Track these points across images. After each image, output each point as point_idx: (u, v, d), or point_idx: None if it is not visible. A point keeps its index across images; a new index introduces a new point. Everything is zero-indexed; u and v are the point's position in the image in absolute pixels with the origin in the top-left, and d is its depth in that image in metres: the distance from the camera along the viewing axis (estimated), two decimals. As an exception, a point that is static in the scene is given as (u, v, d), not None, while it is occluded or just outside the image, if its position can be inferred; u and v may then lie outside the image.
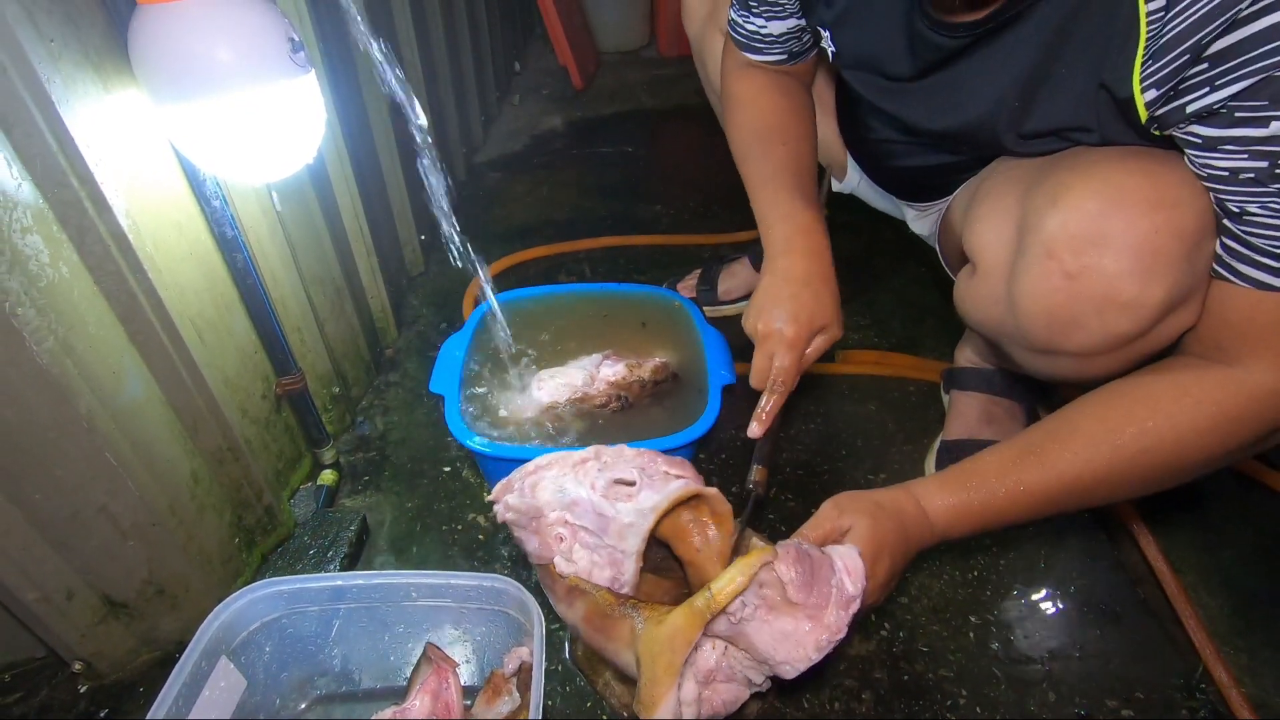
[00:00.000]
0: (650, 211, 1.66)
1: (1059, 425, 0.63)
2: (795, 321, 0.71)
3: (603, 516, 0.60)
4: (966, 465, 0.65)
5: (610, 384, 0.88)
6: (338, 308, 1.03)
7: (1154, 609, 0.83)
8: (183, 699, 0.59)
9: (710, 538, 0.64)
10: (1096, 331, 0.59)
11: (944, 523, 0.63)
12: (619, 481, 0.62)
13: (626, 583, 0.59)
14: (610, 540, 0.60)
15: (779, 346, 0.72)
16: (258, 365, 0.84)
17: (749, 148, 0.84)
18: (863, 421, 1.08)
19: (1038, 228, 0.60)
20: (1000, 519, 0.63)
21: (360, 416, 1.09)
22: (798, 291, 0.73)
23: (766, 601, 0.52)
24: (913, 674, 0.76)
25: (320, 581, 0.67)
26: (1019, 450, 0.63)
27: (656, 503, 0.60)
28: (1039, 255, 0.60)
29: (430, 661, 0.70)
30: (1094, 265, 0.56)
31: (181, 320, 0.68)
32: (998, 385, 0.99)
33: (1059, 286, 0.59)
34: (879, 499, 0.64)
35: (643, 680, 0.50)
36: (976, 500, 0.63)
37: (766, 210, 0.79)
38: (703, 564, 0.66)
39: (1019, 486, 0.61)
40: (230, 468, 0.76)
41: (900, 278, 1.40)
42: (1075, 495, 0.61)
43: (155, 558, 0.69)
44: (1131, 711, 0.74)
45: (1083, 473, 0.60)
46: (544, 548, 0.61)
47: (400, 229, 1.33)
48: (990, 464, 0.63)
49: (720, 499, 0.64)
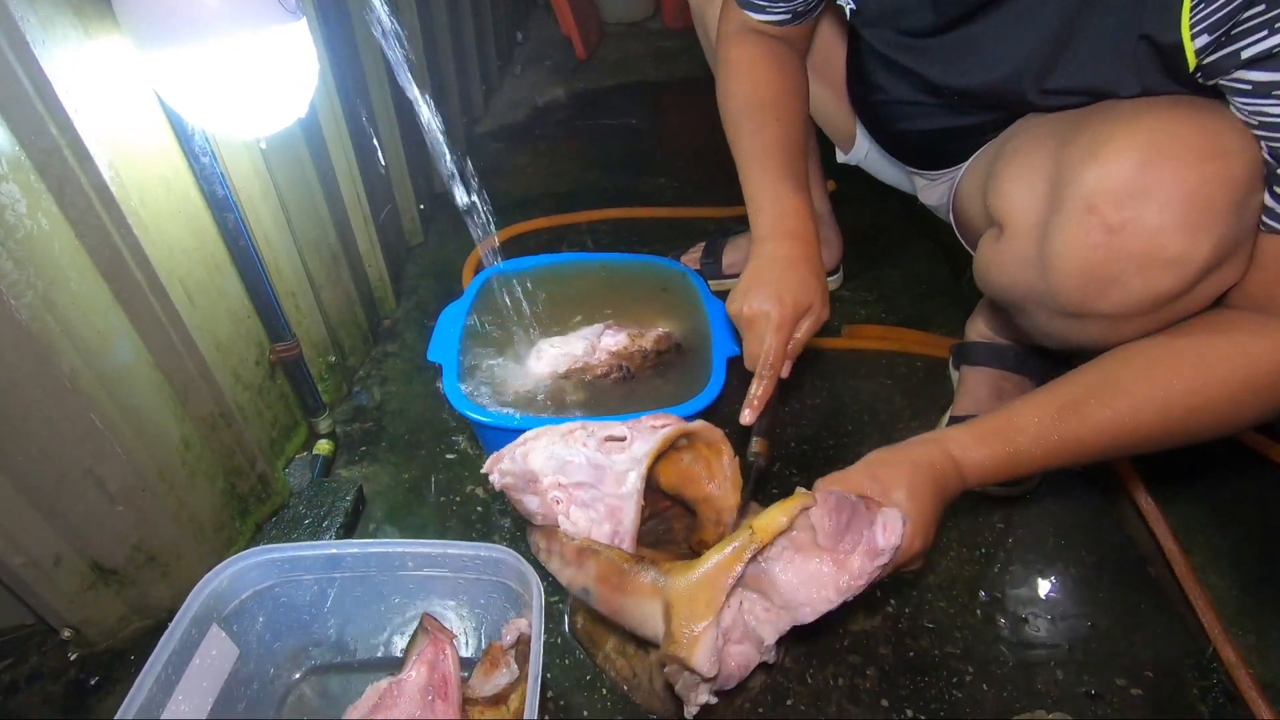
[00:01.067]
0: (654, 184, 1.62)
1: (1100, 380, 0.61)
2: (780, 304, 0.71)
3: (598, 468, 0.60)
4: (1002, 419, 0.63)
5: (612, 354, 0.85)
6: (334, 274, 1.00)
7: (1164, 588, 0.82)
8: (172, 667, 0.57)
9: (719, 469, 0.63)
10: (1136, 290, 0.56)
11: (977, 476, 0.62)
12: (610, 438, 0.61)
13: (627, 532, 0.58)
14: (607, 489, 0.59)
15: (766, 329, 0.71)
16: (251, 330, 0.82)
17: (740, 121, 0.82)
18: (869, 397, 1.06)
19: (1075, 182, 0.57)
20: (1031, 470, 0.63)
21: (357, 386, 1.07)
22: (782, 274, 0.72)
23: (794, 543, 0.52)
24: (918, 650, 0.75)
25: (314, 549, 0.65)
26: (1058, 406, 0.61)
27: (650, 447, 0.59)
28: (1077, 211, 0.57)
29: (427, 632, 0.68)
30: (1137, 219, 0.54)
31: (170, 280, 0.66)
32: (1009, 360, 0.96)
33: (1098, 243, 0.56)
34: (916, 460, 0.61)
35: (676, 622, 0.49)
36: (1011, 455, 0.61)
37: (755, 190, 0.78)
38: (718, 496, 0.65)
39: (1057, 442, 0.60)
40: (222, 434, 0.74)
41: (908, 253, 1.37)
42: (1114, 449, 0.60)
43: (145, 524, 0.67)
44: (1141, 690, 0.72)
45: (1123, 430, 0.59)
46: (545, 508, 0.60)
47: (399, 196, 1.30)
48: (1028, 419, 0.61)
49: (709, 429, 0.64)
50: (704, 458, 0.66)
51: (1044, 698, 0.72)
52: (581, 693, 0.71)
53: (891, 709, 0.70)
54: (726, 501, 0.65)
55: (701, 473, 0.66)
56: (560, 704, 0.71)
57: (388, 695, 0.65)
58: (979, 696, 0.72)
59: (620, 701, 0.70)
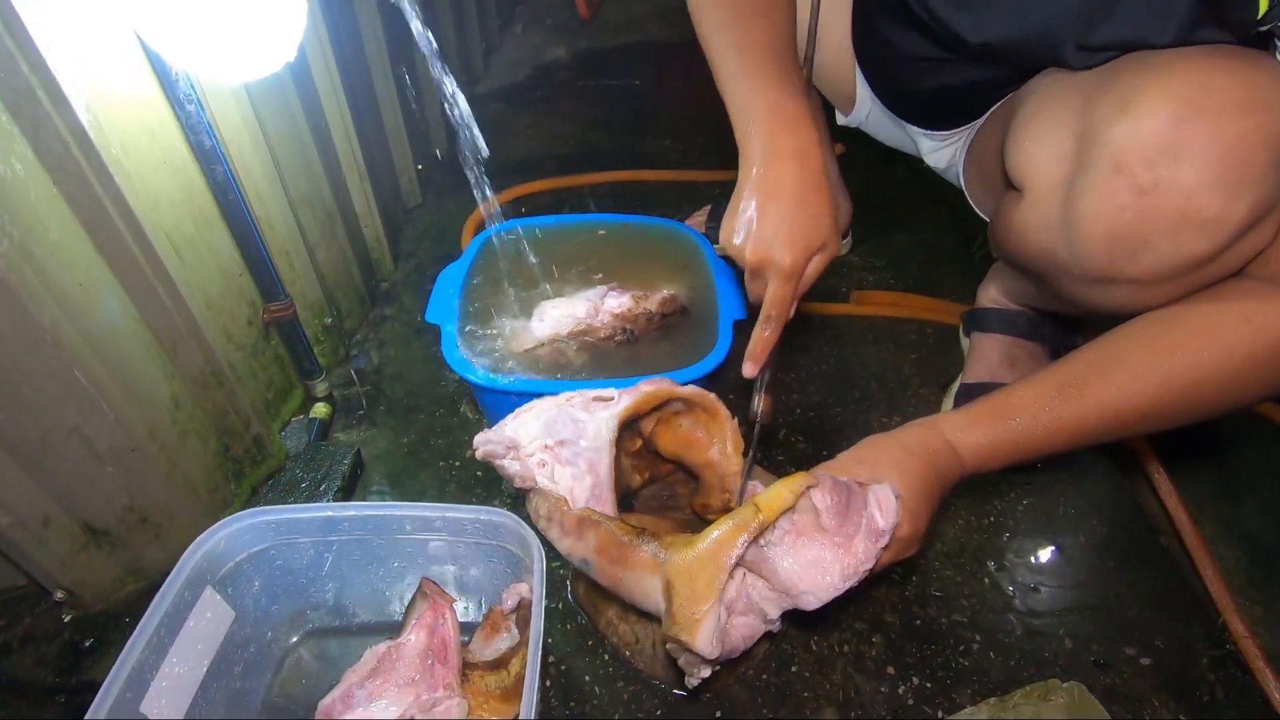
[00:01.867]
0: (658, 146, 1.59)
1: (1101, 355, 0.58)
2: (791, 248, 0.60)
3: (578, 423, 0.59)
4: (998, 399, 0.61)
5: (615, 316, 0.83)
6: (329, 234, 0.97)
7: (1175, 557, 0.81)
8: (165, 629, 0.56)
9: (718, 433, 0.62)
10: (1166, 254, 0.54)
11: (975, 461, 0.59)
12: (597, 398, 0.61)
13: (604, 483, 0.57)
14: (586, 442, 0.58)
15: (775, 277, 0.62)
16: (243, 289, 0.80)
17: (720, 21, 0.68)
18: (877, 363, 1.04)
19: (1104, 138, 0.54)
20: (1033, 454, 0.60)
21: (354, 350, 1.04)
22: (790, 210, 0.61)
23: (796, 527, 0.49)
24: (925, 618, 0.74)
25: (309, 512, 0.64)
26: (1057, 383, 0.59)
27: (626, 401, 0.58)
28: (1105, 170, 0.54)
29: (426, 596, 0.67)
30: (1170, 178, 0.51)
31: (156, 233, 0.63)
32: (1022, 327, 0.94)
33: (1127, 204, 0.53)
34: (906, 443, 0.59)
35: (677, 602, 0.47)
36: (1010, 436, 0.59)
37: (747, 100, 0.63)
38: (719, 461, 0.63)
39: (1057, 422, 0.57)
40: (214, 393, 0.72)
41: (916, 219, 1.34)
42: (1116, 429, 0.58)
43: (136, 484, 0.65)
44: (1150, 660, 0.71)
45: (1125, 406, 0.56)
46: (525, 471, 0.58)
47: (395, 156, 1.26)
48: (1025, 398, 0.59)
49: (703, 394, 0.62)
50: (703, 422, 0.64)
51: (1052, 666, 0.71)
52: (583, 658, 0.70)
53: (898, 677, 0.69)
54: (729, 466, 0.64)
55: (701, 438, 0.65)
56: (562, 669, 0.70)
57: (386, 659, 0.65)
58: (986, 665, 0.71)
59: (622, 667, 0.70)
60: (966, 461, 0.59)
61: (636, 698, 0.67)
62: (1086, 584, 0.78)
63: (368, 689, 0.63)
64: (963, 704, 0.68)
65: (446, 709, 0.61)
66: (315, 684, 0.67)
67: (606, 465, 0.57)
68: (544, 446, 0.61)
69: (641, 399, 0.61)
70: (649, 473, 0.71)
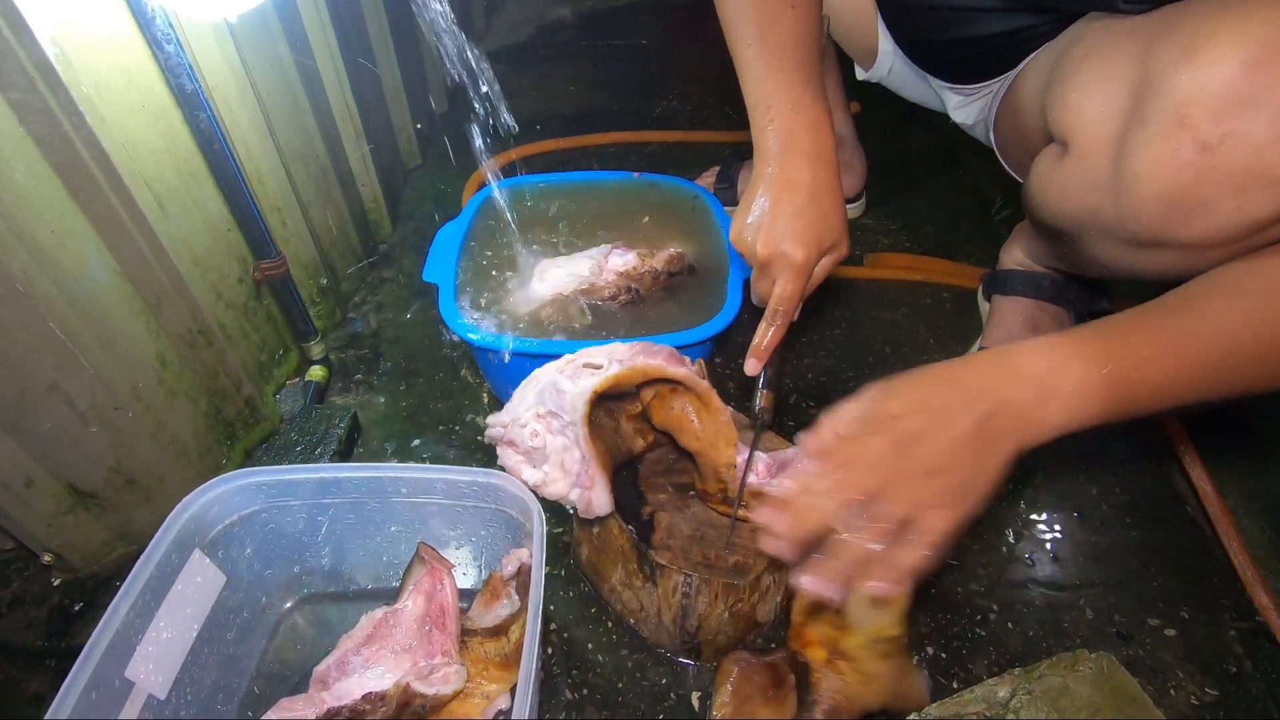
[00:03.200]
0: (665, 107, 1.53)
1: (1195, 289, 0.50)
2: (803, 245, 0.60)
3: (561, 394, 0.56)
4: (1091, 324, 0.50)
5: (619, 274, 0.80)
6: (323, 192, 0.94)
7: (1200, 526, 0.78)
8: (151, 592, 0.54)
9: (708, 423, 0.60)
10: (1229, 215, 0.49)
11: (1045, 372, 0.46)
12: (588, 365, 0.58)
13: (582, 455, 0.55)
14: (567, 415, 0.56)
15: (784, 272, 0.61)
16: (232, 245, 0.76)
17: (745, 10, 0.67)
18: (891, 328, 1.00)
19: (1165, 89, 0.49)
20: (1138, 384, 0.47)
21: (352, 313, 1.02)
22: (803, 207, 0.60)
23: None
24: (940, 588, 0.71)
25: (301, 473, 0.61)
26: (1152, 307, 0.50)
27: (594, 383, 0.56)
28: (1165, 124, 0.49)
29: (424, 562, 0.65)
30: (1240, 133, 0.46)
31: (134, 181, 0.60)
32: (1046, 290, 0.90)
33: (1189, 161, 0.48)
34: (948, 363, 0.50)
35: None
36: (1102, 346, 0.47)
37: (768, 95, 0.63)
38: (709, 454, 0.61)
39: (1164, 336, 0.47)
40: (203, 353, 0.70)
41: (933, 181, 1.29)
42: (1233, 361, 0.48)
43: (121, 445, 0.63)
44: (1175, 631, 0.68)
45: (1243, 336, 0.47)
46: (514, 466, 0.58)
47: (393, 113, 1.22)
48: (1126, 319, 0.49)
49: (694, 380, 0.59)
50: (695, 407, 0.61)
51: (1072, 637, 0.68)
52: (586, 626, 0.68)
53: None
54: (720, 458, 0.61)
55: (693, 423, 0.61)
56: (564, 636, 0.68)
57: (383, 625, 0.63)
58: (1003, 635, 0.68)
59: (626, 635, 0.67)
60: (1035, 377, 0.47)
61: (641, 666, 0.65)
62: (1108, 553, 0.75)
63: (363, 655, 0.61)
64: (979, 674, 0.65)
65: (444, 676, 0.59)
66: (311, 650, 0.66)
67: (585, 439, 0.54)
68: (536, 415, 0.59)
69: (623, 374, 0.57)
70: (653, 437, 0.68)
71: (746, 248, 0.62)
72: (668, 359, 0.60)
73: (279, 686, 0.63)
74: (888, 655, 0.56)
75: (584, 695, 0.64)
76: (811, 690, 0.55)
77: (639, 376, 0.58)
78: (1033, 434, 0.47)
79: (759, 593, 0.60)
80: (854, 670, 0.55)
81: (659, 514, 0.63)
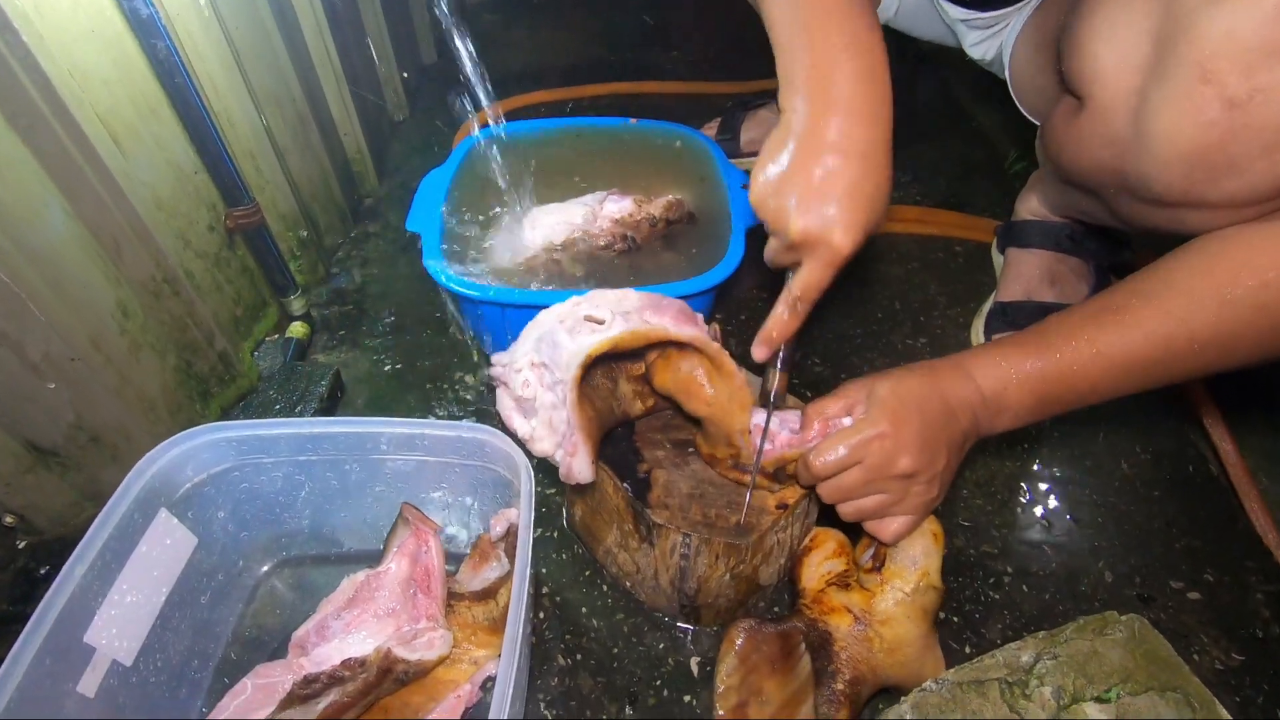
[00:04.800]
0: (665, 58, 1.47)
1: (1147, 283, 0.51)
2: (854, 232, 0.47)
3: (557, 348, 0.52)
4: (1027, 331, 0.54)
5: (615, 221, 0.75)
6: (302, 139, 0.88)
7: (1224, 487, 0.74)
8: (111, 553, 0.50)
9: (721, 388, 0.55)
10: (1259, 176, 0.45)
11: (996, 394, 0.52)
12: (589, 319, 0.53)
13: (573, 422, 0.51)
14: (559, 373, 0.51)
15: (821, 258, 0.48)
16: (200, 190, 0.72)
17: None
18: (900, 283, 0.96)
19: (1189, 38, 0.44)
20: (1066, 396, 0.53)
21: (336, 268, 0.97)
22: (860, 180, 0.46)
23: None
24: (952, 550, 0.68)
25: (272, 428, 0.57)
26: (1094, 310, 0.52)
27: (608, 334, 0.51)
28: (1189, 78, 0.45)
29: (408, 523, 0.61)
30: (1272, 88, 0.42)
31: (83, 112, 0.55)
32: (1064, 241, 0.85)
33: (1215, 119, 0.44)
34: (910, 366, 0.54)
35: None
36: (1038, 369, 0.52)
37: (818, 22, 0.47)
38: (721, 419, 0.56)
39: (1093, 352, 0.50)
40: (169, 303, 0.65)
41: (944, 132, 1.24)
42: (1164, 365, 0.50)
43: (82, 400, 0.59)
44: (1199, 594, 0.65)
45: (1178, 334, 0.48)
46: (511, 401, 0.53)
47: (379, 62, 1.16)
48: (1056, 328, 0.52)
49: (705, 342, 0.54)
50: (705, 369, 0.56)
51: (1090, 600, 0.65)
52: (580, 589, 0.65)
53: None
54: (732, 424, 0.56)
55: (703, 386, 0.56)
56: (556, 600, 0.64)
57: (365, 588, 0.59)
58: (1018, 598, 0.65)
59: (622, 598, 0.64)
60: (987, 395, 0.53)
61: (637, 630, 0.62)
62: (1128, 514, 0.71)
63: (344, 619, 0.58)
64: (993, 639, 0.62)
65: (429, 641, 0.55)
66: (291, 614, 0.63)
67: (572, 404, 0.50)
68: (531, 364, 0.55)
69: (623, 337, 0.52)
70: (653, 400, 0.64)
71: (775, 216, 0.49)
72: (676, 317, 0.55)
73: (257, 652, 0.60)
74: (925, 613, 0.53)
75: (577, 661, 0.61)
76: (832, 660, 0.52)
77: (640, 341, 0.53)
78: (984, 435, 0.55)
79: (762, 553, 0.57)
80: (883, 635, 0.52)
81: (656, 471, 0.59)
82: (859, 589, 0.56)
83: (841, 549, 0.60)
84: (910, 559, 0.54)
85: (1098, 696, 0.41)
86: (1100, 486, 0.74)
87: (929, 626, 0.54)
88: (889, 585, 0.54)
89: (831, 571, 0.59)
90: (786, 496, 0.57)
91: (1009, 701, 0.42)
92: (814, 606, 0.56)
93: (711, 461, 0.59)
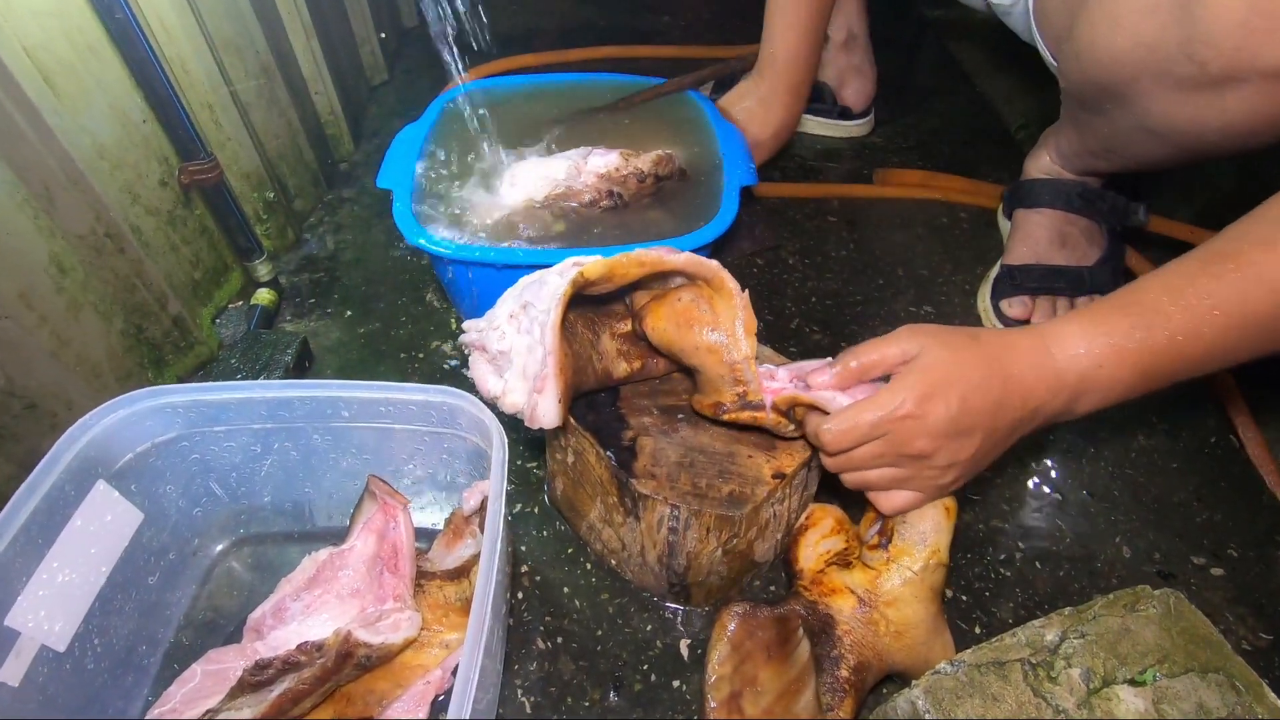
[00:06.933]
0: (656, 22, 1.41)
1: (1259, 226, 0.43)
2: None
3: (544, 284, 0.47)
4: (1120, 294, 0.46)
5: (599, 176, 0.70)
6: (267, 93, 0.83)
7: (1247, 457, 0.70)
8: (37, 528, 0.45)
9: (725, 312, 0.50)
10: None
11: (1083, 374, 0.45)
12: (576, 264, 0.47)
13: (550, 353, 0.46)
14: (541, 304, 0.47)
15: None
16: (150, 140, 0.66)
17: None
18: (903, 249, 0.91)
19: None
20: (1175, 367, 0.44)
21: (307, 234, 0.91)
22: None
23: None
24: (961, 523, 0.63)
25: (220, 392, 0.52)
26: (1203, 259, 0.44)
27: (603, 258, 0.47)
28: None
29: (375, 497, 0.57)
30: None
31: (8, 44, 0.50)
32: (1075, 201, 0.80)
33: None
34: (982, 336, 0.47)
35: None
36: (1144, 337, 0.43)
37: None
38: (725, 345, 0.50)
39: (1209, 310, 0.42)
40: (113, 260, 0.60)
41: (948, 98, 1.18)
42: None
43: (12, 361, 0.54)
44: (1223, 570, 0.61)
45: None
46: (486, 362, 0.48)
47: (353, 19, 1.09)
48: (1160, 285, 0.44)
49: (702, 262, 0.49)
50: (706, 297, 0.52)
51: (1106, 578, 0.61)
52: (561, 568, 0.61)
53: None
54: (738, 352, 0.51)
55: (705, 314, 0.52)
56: (536, 580, 0.60)
57: (327, 567, 0.55)
58: (1030, 575, 0.61)
59: (607, 576, 0.60)
60: (1064, 370, 0.45)
61: (623, 611, 0.58)
62: (1146, 486, 0.67)
63: (304, 601, 0.53)
64: (1004, 618, 0.58)
65: (395, 623, 0.51)
66: (249, 596, 0.58)
67: (552, 326, 0.45)
68: (509, 315, 0.50)
69: (618, 260, 0.48)
70: (640, 362, 0.59)
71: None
72: (664, 251, 0.51)
73: (211, 636, 0.56)
74: (934, 592, 0.48)
75: (558, 644, 0.56)
76: (835, 645, 0.47)
77: (633, 265, 0.48)
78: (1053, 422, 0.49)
79: (757, 527, 0.52)
80: (889, 617, 0.48)
81: (642, 439, 0.54)
82: (862, 567, 0.52)
83: (840, 526, 0.56)
84: (919, 534, 0.49)
85: (1131, 679, 0.37)
86: (1116, 458, 0.70)
87: (938, 607, 0.50)
88: (896, 564, 0.50)
89: (831, 550, 0.54)
90: (784, 465, 0.53)
91: (1033, 684, 0.38)
92: (814, 588, 0.52)
93: (716, 410, 0.53)
